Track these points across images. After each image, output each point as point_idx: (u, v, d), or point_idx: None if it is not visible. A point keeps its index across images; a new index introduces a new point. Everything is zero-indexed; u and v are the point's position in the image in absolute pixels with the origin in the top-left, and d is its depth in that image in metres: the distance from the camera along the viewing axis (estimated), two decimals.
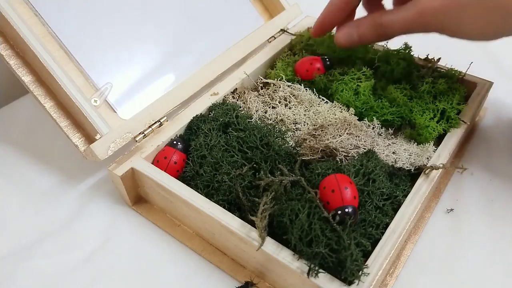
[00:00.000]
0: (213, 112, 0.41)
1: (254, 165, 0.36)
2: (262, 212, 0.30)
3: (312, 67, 0.45)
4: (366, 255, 0.30)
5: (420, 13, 0.34)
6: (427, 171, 0.35)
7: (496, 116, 0.48)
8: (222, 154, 0.37)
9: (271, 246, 0.30)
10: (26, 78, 0.38)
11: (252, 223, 0.32)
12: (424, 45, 0.46)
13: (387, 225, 0.32)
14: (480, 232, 0.37)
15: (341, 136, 0.38)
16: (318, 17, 0.40)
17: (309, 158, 0.36)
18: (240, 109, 0.42)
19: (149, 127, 0.39)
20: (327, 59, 0.45)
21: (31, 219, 0.40)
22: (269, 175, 0.34)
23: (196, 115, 0.41)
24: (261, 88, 0.46)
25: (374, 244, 0.30)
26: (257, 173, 0.35)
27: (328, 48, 0.47)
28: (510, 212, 0.38)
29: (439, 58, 0.45)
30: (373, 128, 0.40)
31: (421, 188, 0.34)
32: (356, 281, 0.28)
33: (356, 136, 0.38)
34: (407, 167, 0.36)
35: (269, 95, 0.44)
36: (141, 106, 0.40)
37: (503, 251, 0.36)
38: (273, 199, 0.31)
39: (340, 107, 0.42)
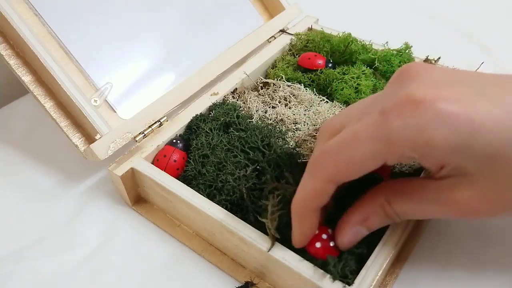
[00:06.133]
0: (213, 111, 0.41)
1: (258, 167, 0.36)
2: (272, 214, 0.30)
3: (316, 58, 0.46)
4: (366, 256, 0.30)
5: (459, 213, 0.27)
6: (426, 172, 0.35)
7: None
8: (225, 154, 0.37)
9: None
10: (26, 78, 0.38)
11: (254, 224, 0.32)
12: (424, 45, 0.46)
13: (386, 227, 0.32)
14: (480, 232, 0.37)
15: None
16: (297, 232, 0.29)
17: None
18: (240, 109, 0.42)
19: (149, 127, 0.39)
20: (330, 61, 0.46)
21: (31, 219, 0.40)
22: (274, 180, 0.34)
23: (196, 115, 0.41)
24: (261, 88, 0.46)
25: (373, 246, 0.30)
26: (261, 175, 0.35)
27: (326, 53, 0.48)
28: None
29: (439, 58, 0.45)
30: None
31: None
32: (357, 281, 0.28)
33: None
34: (406, 170, 0.36)
35: (269, 95, 0.44)
36: (141, 106, 0.40)
37: (503, 250, 0.36)
38: (280, 202, 0.31)
39: (340, 107, 0.42)
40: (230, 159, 0.36)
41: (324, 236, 0.29)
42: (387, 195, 0.28)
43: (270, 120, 0.41)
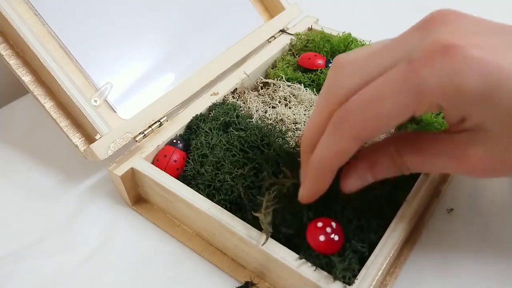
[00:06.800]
0: (213, 111, 0.41)
1: (256, 165, 0.36)
2: (266, 208, 0.30)
3: (316, 58, 0.46)
4: (366, 256, 0.30)
5: (470, 170, 0.26)
6: None
7: None
8: (224, 154, 0.37)
9: (271, 246, 0.30)
10: (26, 78, 0.38)
11: (253, 223, 0.32)
12: None
13: (387, 226, 0.32)
14: (480, 232, 0.37)
15: None
16: (308, 189, 0.29)
17: None
18: (240, 109, 0.42)
19: (149, 127, 0.39)
20: (330, 61, 0.46)
21: (31, 219, 0.40)
22: (272, 176, 0.34)
23: (196, 115, 0.41)
24: (261, 88, 0.46)
25: (374, 244, 0.30)
26: (259, 174, 0.35)
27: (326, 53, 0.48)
28: (510, 211, 0.38)
29: None
30: None
31: (421, 188, 0.34)
32: (357, 281, 0.28)
33: None
34: None
35: (269, 95, 0.44)
36: (141, 106, 0.40)
37: (503, 250, 0.36)
38: (275, 197, 0.31)
39: None
40: (229, 158, 0.36)
41: (328, 230, 0.29)
42: (398, 145, 0.28)
43: (270, 120, 0.41)
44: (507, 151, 0.25)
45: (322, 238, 0.29)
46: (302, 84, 0.44)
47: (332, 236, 0.29)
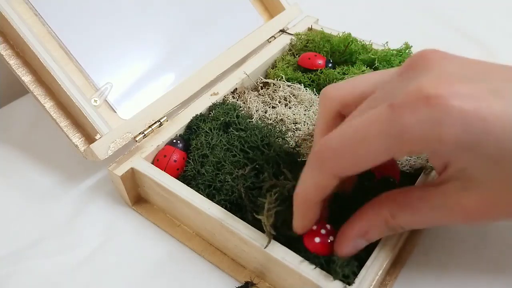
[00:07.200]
0: (213, 111, 0.41)
1: (256, 166, 0.36)
2: (268, 210, 0.30)
3: (316, 58, 0.46)
4: (366, 255, 0.30)
5: (466, 219, 0.26)
6: (426, 172, 0.35)
7: None
8: (224, 154, 0.37)
9: (271, 246, 0.30)
10: (26, 78, 0.38)
11: (253, 223, 0.32)
12: (424, 45, 0.45)
13: None
14: (480, 232, 0.37)
15: None
16: (297, 221, 0.29)
17: None
18: (240, 109, 0.42)
19: (149, 127, 0.39)
20: (330, 61, 0.46)
21: (31, 219, 0.40)
22: (273, 178, 0.34)
23: (196, 115, 0.41)
24: (261, 88, 0.46)
25: (374, 245, 0.30)
26: (260, 174, 0.35)
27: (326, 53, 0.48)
28: None
29: None
30: None
31: None
32: (357, 281, 0.28)
33: None
34: (407, 170, 0.36)
35: (269, 95, 0.44)
36: (141, 106, 0.40)
37: (503, 250, 0.36)
38: (277, 199, 0.31)
39: None
40: (229, 159, 0.36)
41: (323, 231, 0.30)
42: (390, 208, 0.28)
43: (270, 120, 0.41)
44: (499, 197, 0.24)
45: (317, 240, 0.29)
46: (302, 84, 0.44)
47: (327, 237, 0.29)
